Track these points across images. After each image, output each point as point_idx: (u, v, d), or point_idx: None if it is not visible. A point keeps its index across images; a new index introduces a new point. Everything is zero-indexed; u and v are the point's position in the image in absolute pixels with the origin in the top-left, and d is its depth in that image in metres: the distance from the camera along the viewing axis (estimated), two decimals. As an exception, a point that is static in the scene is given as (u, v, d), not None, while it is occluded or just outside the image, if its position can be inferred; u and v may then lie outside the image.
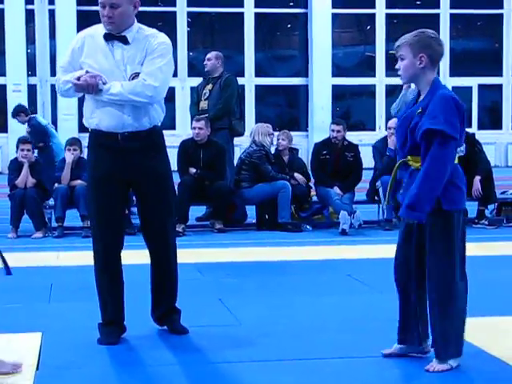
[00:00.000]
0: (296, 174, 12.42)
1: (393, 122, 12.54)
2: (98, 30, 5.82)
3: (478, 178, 12.15)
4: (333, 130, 12.47)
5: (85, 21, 25.19)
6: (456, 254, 4.92)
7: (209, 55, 12.80)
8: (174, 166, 5.98)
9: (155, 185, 5.82)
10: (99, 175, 5.77)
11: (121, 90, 5.56)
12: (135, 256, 5.95)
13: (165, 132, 5.99)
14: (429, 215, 4.84)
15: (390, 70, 26.78)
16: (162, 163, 5.88)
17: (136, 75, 5.63)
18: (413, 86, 13.80)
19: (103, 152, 5.75)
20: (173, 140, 5.32)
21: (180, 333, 5.88)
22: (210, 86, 12.62)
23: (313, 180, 12.67)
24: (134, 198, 6.16)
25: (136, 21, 5.76)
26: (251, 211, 12.55)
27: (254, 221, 12.50)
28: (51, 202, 11.67)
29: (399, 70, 5.08)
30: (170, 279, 5.95)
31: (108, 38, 5.72)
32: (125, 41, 5.72)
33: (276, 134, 13.01)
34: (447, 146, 4.79)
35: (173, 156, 6.12)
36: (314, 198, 12.70)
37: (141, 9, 5.75)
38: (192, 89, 12.23)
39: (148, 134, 5.74)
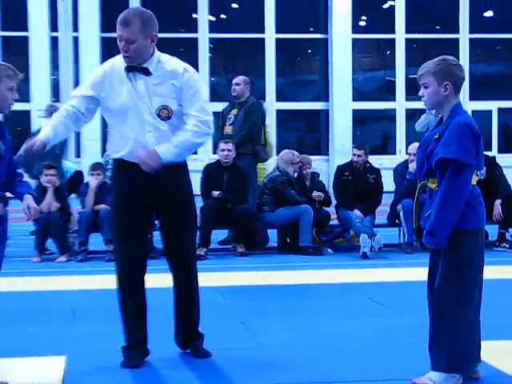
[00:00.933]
0: (314, 193, 12.38)
1: (413, 148, 12.54)
2: (119, 61, 5.75)
3: (498, 202, 12.12)
4: (354, 154, 12.49)
5: (108, 47, 25.34)
6: (465, 269, 4.96)
7: (237, 80, 12.73)
8: (196, 190, 5.96)
9: (177, 210, 5.82)
10: (122, 201, 5.81)
11: (188, 139, 5.62)
12: (158, 279, 5.94)
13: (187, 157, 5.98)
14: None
15: (410, 94, 26.87)
16: (184, 189, 5.89)
17: (164, 108, 5.61)
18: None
19: (126, 179, 5.77)
20: (195, 165, 5.34)
21: (203, 356, 5.86)
22: (235, 111, 12.60)
23: (334, 203, 12.66)
24: (157, 223, 6.15)
25: (156, 49, 5.74)
26: (273, 235, 12.54)
27: (275, 244, 12.48)
28: (75, 226, 11.72)
29: (423, 96, 5.13)
30: (192, 305, 5.96)
31: (129, 69, 5.68)
32: (147, 72, 5.68)
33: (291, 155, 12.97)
34: (462, 173, 4.86)
35: (195, 180, 6.12)
36: (335, 222, 12.68)
37: (163, 35, 5.78)
38: (216, 114, 12.21)
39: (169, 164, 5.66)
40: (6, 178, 4.95)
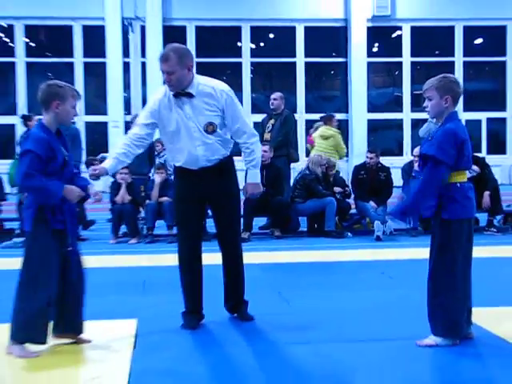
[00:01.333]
0: (335, 188, 12.42)
1: (417, 150, 12.48)
2: (168, 90, 5.80)
3: (487, 193, 12.05)
4: (367, 157, 12.50)
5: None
6: (454, 253, 4.98)
7: (274, 96, 12.71)
8: (241, 185, 6.01)
9: (226, 203, 5.97)
10: (182, 197, 5.95)
11: (257, 154, 6.04)
12: (211, 258, 5.97)
13: (235, 158, 6.00)
14: (434, 224, 5.05)
15: (415, 106, 26.75)
16: (231, 184, 5.99)
17: (210, 124, 5.72)
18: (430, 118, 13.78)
19: (185, 180, 5.93)
20: (242, 165, 5.49)
21: (247, 320, 5.94)
22: (272, 121, 12.60)
23: (352, 195, 12.66)
24: (210, 212, 6.20)
25: (195, 75, 5.75)
26: (303, 222, 12.54)
27: (305, 229, 12.47)
28: (144, 214, 11.80)
29: (427, 107, 5.16)
30: (239, 278, 6.07)
31: (176, 95, 5.74)
32: (190, 96, 5.72)
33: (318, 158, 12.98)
34: (437, 168, 4.89)
35: (241, 177, 6.16)
36: (354, 211, 12.67)
37: (212, 60, 5.80)
38: (256, 123, 12.24)
39: (220, 163, 5.85)
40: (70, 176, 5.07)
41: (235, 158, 6.04)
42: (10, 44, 25.65)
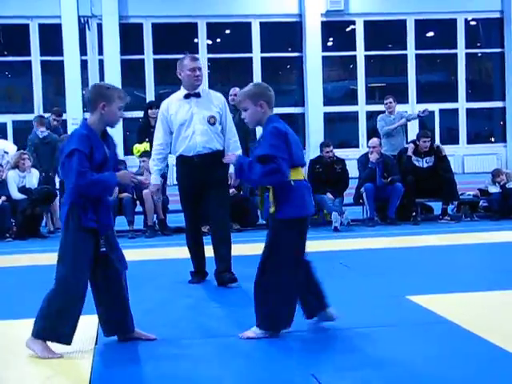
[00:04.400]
0: None
1: (372, 142, 12.59)
2: (177, 95, 7.25)
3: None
4: (324, 151, 12.51)
5: (127, 67, 25.34)
6: (284, 252, 5.03)
7: (234, 91, 12.57)
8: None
9: (219, 186, 7.11)
10: (184, 183, 7.22)
11: (240, 150, 7.19)
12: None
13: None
14: (270, 223, 5.16)
15: (369, 99, 26.93)
16: (223, 173, 7.08)
17: (212, 117, 7.07)
18: (386, 111, 13.90)
19: (184, 167, 7.17)
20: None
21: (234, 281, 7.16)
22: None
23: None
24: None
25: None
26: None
27: (264, 222, 12.46)
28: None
29: (245, 119, 5.25)
30: (227, 244, 7.21)
31: (187, 96, 7.14)
32: (198, 95, 7.14)
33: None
34: (276, 163, 4.88)
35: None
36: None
37: (169, 56, 5.95)
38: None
39: (213, 154, 7.05)
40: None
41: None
42: (-33, 43, 25.32)
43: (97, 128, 4.93)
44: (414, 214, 12.53)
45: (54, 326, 4.77)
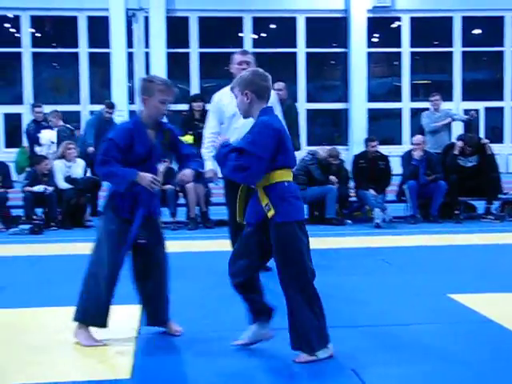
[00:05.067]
0: (331, 177, 12.32)
1: (417, 139, 12.52)
2: (223, 91, 7.36)
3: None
4: (367, 145, 12.49)
5: (173, 61, 25.46)
6: (290, 256, 4.40)
7: (279, 86, 12.45)
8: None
9: None
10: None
11: None
12: (215, 245, 5.99)
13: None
14: (270, 228, 4.39)
15: (414, 96, 26.73)
16: None
17: None
18: (431, 108, 13.79)
19: None
20: None
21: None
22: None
23: (353, 184, 12.65)
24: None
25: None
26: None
27: (306, 217, 12.47)
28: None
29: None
30: None
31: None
32: None
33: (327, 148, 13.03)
34: (248, 161, 4.33)
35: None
36: (354, 199, 12.67)
37: (214, 50, 5.93)
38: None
39: None
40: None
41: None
42: (17, 34, 25.61)
43: (146, 121, 4.95)
44: (456, 212, 12.42)
45: (87, 308, 4.86)
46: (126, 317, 5.39)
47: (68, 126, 13.47)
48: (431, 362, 4.37)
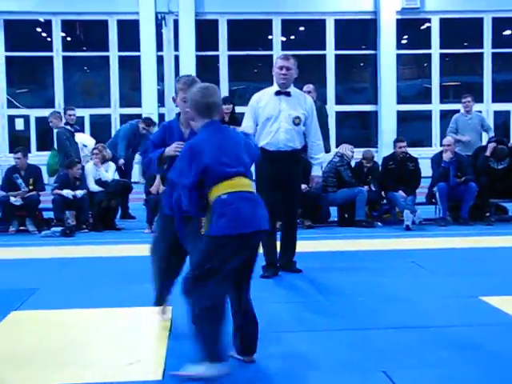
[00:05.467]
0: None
1: (447, 141, 12.43)
2: (269, 90, 7.48)
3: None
4: (395, 146, 12.43)
5: (202, 63, 25.55)
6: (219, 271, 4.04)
7: (308, 88, 12.44)
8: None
9: (294, 182, 7.52)
10: (265, 174, 7.22)
11: (322, 153, 7.86)
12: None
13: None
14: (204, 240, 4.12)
15: (443, 98, 26.59)
16: (298, 171, 7.52)
17: (297, 118, 7.30)
18: (462, 109, 13.70)
19: (265, 160, 6.94)
20: None
21: (297, 272, 7.56)
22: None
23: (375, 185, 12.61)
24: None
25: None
26: (333, 211, 12.51)
27: (336, 219, 12.46)
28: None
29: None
30: (293, 240, 7.66)
31: (278, 93, 7.39)
32: (288, 94, 7.38)
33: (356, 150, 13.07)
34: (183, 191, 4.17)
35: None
36: (384, 201, 12.63)
37: (243, 53, 5.96)
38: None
39: (293, 152, 7.33)
40: None
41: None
42: (48, 39, 25.86)
43: (181, 119, 5.08)
44: (487, 214, 12.33)
45: (154, 288, 5.32)
46: (157, 318, 5.41)
47: (68, 127, 13.55)
48: (463, 364, 4.35)
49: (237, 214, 4.04)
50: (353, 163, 12.69)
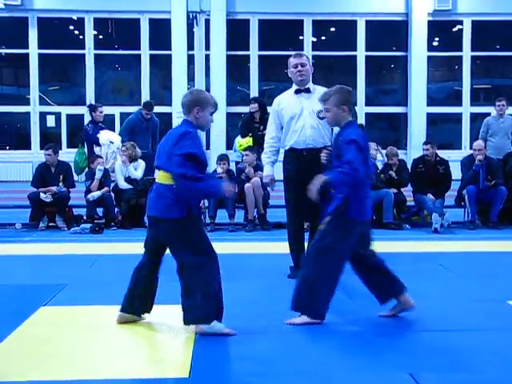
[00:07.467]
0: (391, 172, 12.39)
1: (477, 144, 12.36)
2: (289, 91, 7.49)
3: None
4: (424, 149, 12.36)
5: (232, 63, 25.58)
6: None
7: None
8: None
9: None
10: (292, 177, 7.29)
11: None
12: (273, 247, 6.03)
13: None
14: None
15: (474, 101, 26.39)
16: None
17: (321, 111, 6.85)
18: (493, 112, 13.60)
19: (293, 160, 7.27)
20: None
21: None
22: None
23: (411, 188, 12.54)
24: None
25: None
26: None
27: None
28: (206, 203, 11.81)
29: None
30: None
31: (297, 92, 7.39)
32: (308, 91, 7.38)
33: (384, 151, 13.05)
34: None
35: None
36: (412, 203, 12.57)
37: (274, 53, 6.04)
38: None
39: (321, 150, 6.82)
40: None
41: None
42: (80, 36, 26.03)
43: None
44: (517, 218, 12.25)
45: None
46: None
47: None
48: (491, 369, 4.32)
49: None
50: (380, 165, 12.65)
